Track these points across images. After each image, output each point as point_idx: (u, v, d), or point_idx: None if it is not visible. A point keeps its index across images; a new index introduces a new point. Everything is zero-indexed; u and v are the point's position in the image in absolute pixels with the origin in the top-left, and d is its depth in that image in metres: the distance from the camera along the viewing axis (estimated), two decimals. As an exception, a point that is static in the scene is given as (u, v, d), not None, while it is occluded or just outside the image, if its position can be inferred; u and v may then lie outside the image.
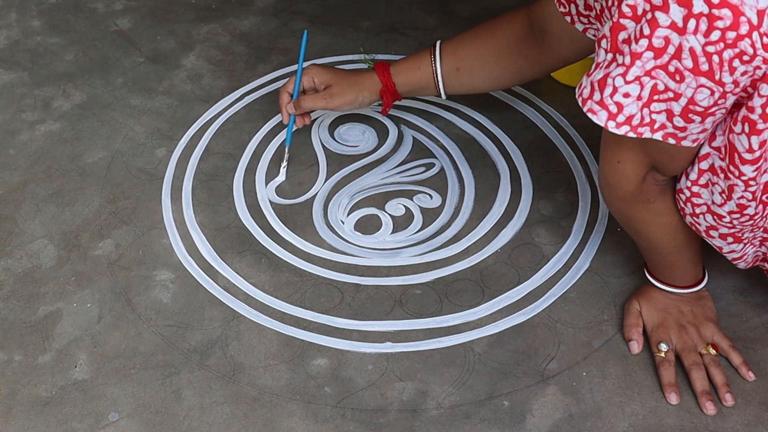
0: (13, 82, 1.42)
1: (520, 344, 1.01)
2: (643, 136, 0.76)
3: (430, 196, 1.19)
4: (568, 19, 0.99)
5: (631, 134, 0.76)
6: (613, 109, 0.75)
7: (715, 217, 0.85)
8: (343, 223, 1.16)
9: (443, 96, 1.17)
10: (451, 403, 0.95)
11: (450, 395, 0.96)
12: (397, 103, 1.28)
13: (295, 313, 1.05)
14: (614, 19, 0.73)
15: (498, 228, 1.15)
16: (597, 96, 0.76)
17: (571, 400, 0.95)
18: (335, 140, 1.29)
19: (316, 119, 1.31)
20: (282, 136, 1.28)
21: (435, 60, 1.13)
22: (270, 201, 1.19)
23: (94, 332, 1.03)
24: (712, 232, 0.88)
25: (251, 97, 1.37)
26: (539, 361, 0.99)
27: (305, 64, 1.21)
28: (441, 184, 1.21)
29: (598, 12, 0.92)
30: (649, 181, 0.86)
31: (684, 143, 0.77)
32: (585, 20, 0.98)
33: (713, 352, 0.97)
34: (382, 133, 1.30)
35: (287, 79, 1.21)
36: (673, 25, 0.69)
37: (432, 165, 1.24)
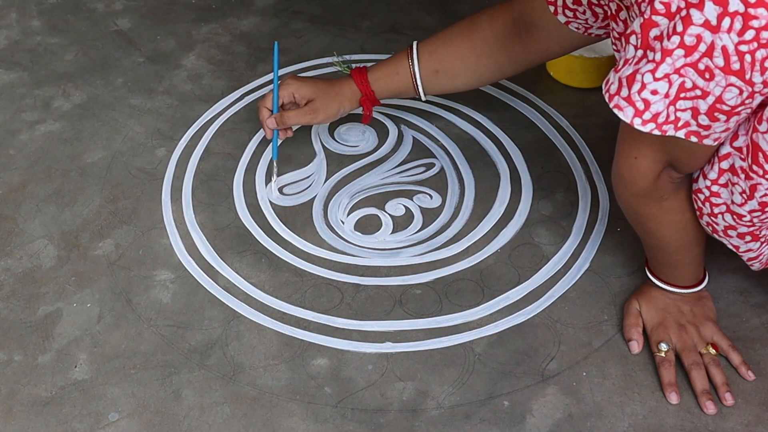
0: (13, 82, 1.41)
1: (520, 344, 1.01)
2: (667, 134, 0.76)
3: (430, 196, 1.19)
4: (551, 8, 0.99)
5: (656, 132, 0.75)
6: (640, 105, 0.74)
7: (735, 216, 0.84)
8: (343, 223, 1.16)
9: (422, 99, 1.16)
10: (451, 403, 0.95)
11: (450, 395, 0.96)
12: (396, 102, 1.28)
13: (295, 313, 1.05)
14: (646, 16, 0.72)
15: (498, 228, 1.15)
16: (624, 92, 0.75)
17: (571, 400, 0.95)
18: (335, 140, 1.29)
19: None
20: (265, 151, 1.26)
21: (413, 64, 1.11)
22: (270, 201, 1.19)
23: (94, 332, 1.03)
24: (730, 232, 0.88)
25: (251, 97, 1.37)
26: (539, 361, 0.99)
27: (281, 73, 1.19)
28: (441, 184, 1.21)
29: (614, 12, 0.91)
30: (664, 178, 0.85)
31: (705, 142, 0.77)
32: (570, 14, 0.98)
33: (713, 351, 0.97)
34: (382, 133, 1.30)
35: (265, 90, 1.20)
36: (706, 23, 0.69)
37: (432, 165, 1.24)
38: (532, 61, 1.10)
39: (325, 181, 1.22)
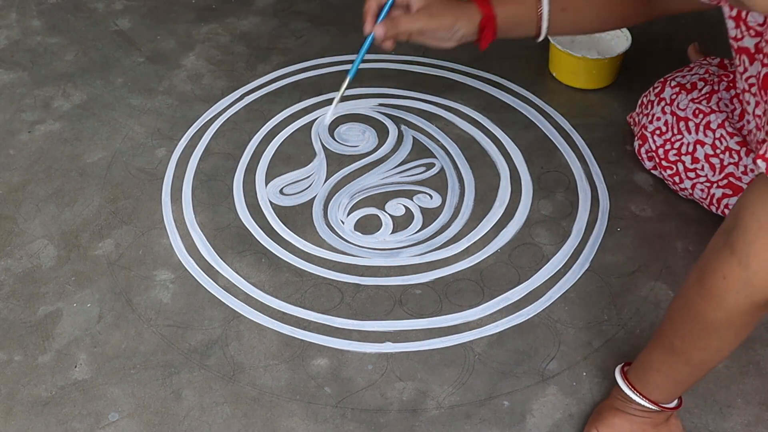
0: (13, 82, 1.42)
1: (520, 344, 1.01)
2: None
3: (430, 196, 1.19)
4: None
5: None
6: None
7: None
8: (343, 223, 1.16)
9: (542, 36, 1.04)
10: (451, 403, 0.95)
11: (450, 395, 0.96)
12: (396, 102, 1.28)
13: (295, 313, 1.05)
14: None
15: (498, 228, 1.15)
16: None
17: (571, 400, 0.95)
18: (335, 140, 1.29)
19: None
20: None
21: None
22: (270, 201, 1.20)
23: (94, 332, 1.03)
24: None
25: (251, 97, 1.37)
26: (539, 361, 0.99)
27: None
28: (441, 184, 1.21)
29: None
30: None
31: None
32: None
33: None
34: (382, 133, 1.30)
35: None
36: None
37: (432, 165, 1.24)
38: (654, 15, 1.05)
39: (325, 181, 1.22)
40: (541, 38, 1.04)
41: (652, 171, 1.18)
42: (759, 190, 0.68)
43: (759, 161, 0.65)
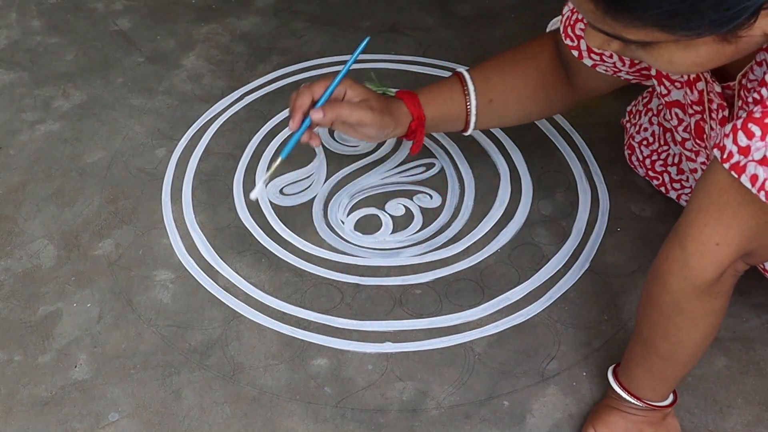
0: (13, 82, 1.42)
1: (520, 344, 1.01)
2: None
3: (430, 196, 1.19)
4: (575, 53, 0.94)
5: None
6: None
7: None
8: (343, 223, 1.16)
9: (470, 131, 1.03)
10: (451, 403, 0.95)
11: (450, 395, 0.96)
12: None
13: (295, 313, 1.05)
14: None
15: (498, 228, 1.15)
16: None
17: (571, 400, 0.95)
18: (335, 140, 1.29)
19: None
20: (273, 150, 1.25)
21: (469, 90, 1.00)
22: (270, 201, 1.20)
23: (94, 332, 1.03)
24: None
25: (251, 97, 1.37)
26: (539, 361, 0.99)
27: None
28: (441, 184, 1.21)
29: (689, 79, 0.85)
30: (730, 271, 0.74)
31: None
32: (596, 57, 0.93)
33: None
34: (382, 133, 1.29)
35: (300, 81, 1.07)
36: None
37: (432, 165, 1.24)
38: (578, 99, 1.04)
39: (325, 181, 1.22)
40: (468, 132, 1.04)
41: (646, 177, 1.18)
42: (704, 176, 0.71)
43: (716, 150, 0.68)
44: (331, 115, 0.91)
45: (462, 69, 1.02)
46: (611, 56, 0.93)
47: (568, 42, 0.94)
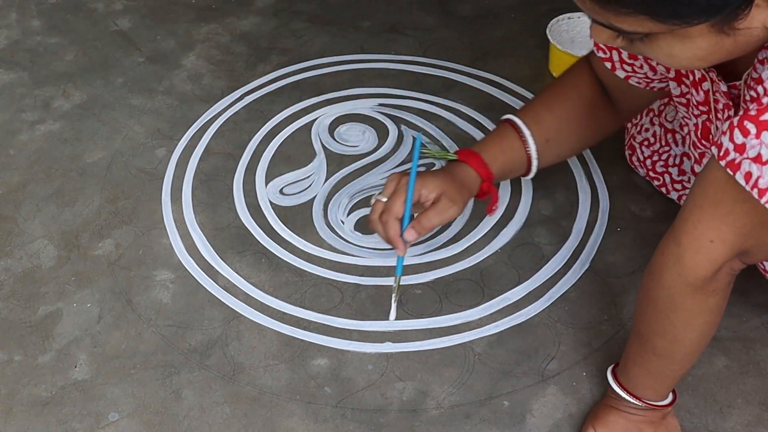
0: (13, 82, 1.42)
1: (520, 344, 1.01)
2: None
3: (430, 196, 1.19)
4: (608, 65, 0.95)
5: None
6: None
7: None
8: (343, 223, 1.16)
9: (532, 174, 1.04)
10: (451, 403, 0.95)
11: (450, 395, 0.96)
12: (397, 102, 1.28)
13: (295, 313, 1.05)
14: None
15: (498, 228, 1.15)
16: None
17: (571, 400, 0.95)
18: (335, 140, 1.29)
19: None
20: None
21: (525, 136, 1.00)
22: (270, 201, 1.20)
23: (94, 332, 1.03)
24: None
25: (251, 97, 1.37)
26: (539, 361, 0.99)
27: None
28: (441, 184, 1.21)
29: (695, 79, 0.85)
30: (725, 269, 0.74)
31: None
32: (628, 68, 0.94)
33: None
34: (382, 133, 1.30)
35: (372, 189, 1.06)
36: None
37: (432, 165, 1.24)
38: (624, 117, 1.06)
39: (325, 181, 1.22)
40: (531, 176, 1.04)
41: (646, 177, 1.18)
42: (702, 173, 0.72)
43: (713, 147, 0.68)
44: (423, 230, 0.94)
45: (510, 116, 1.02)
46: (641, 67, 0.93)
47: (600, 54, 0.95)
